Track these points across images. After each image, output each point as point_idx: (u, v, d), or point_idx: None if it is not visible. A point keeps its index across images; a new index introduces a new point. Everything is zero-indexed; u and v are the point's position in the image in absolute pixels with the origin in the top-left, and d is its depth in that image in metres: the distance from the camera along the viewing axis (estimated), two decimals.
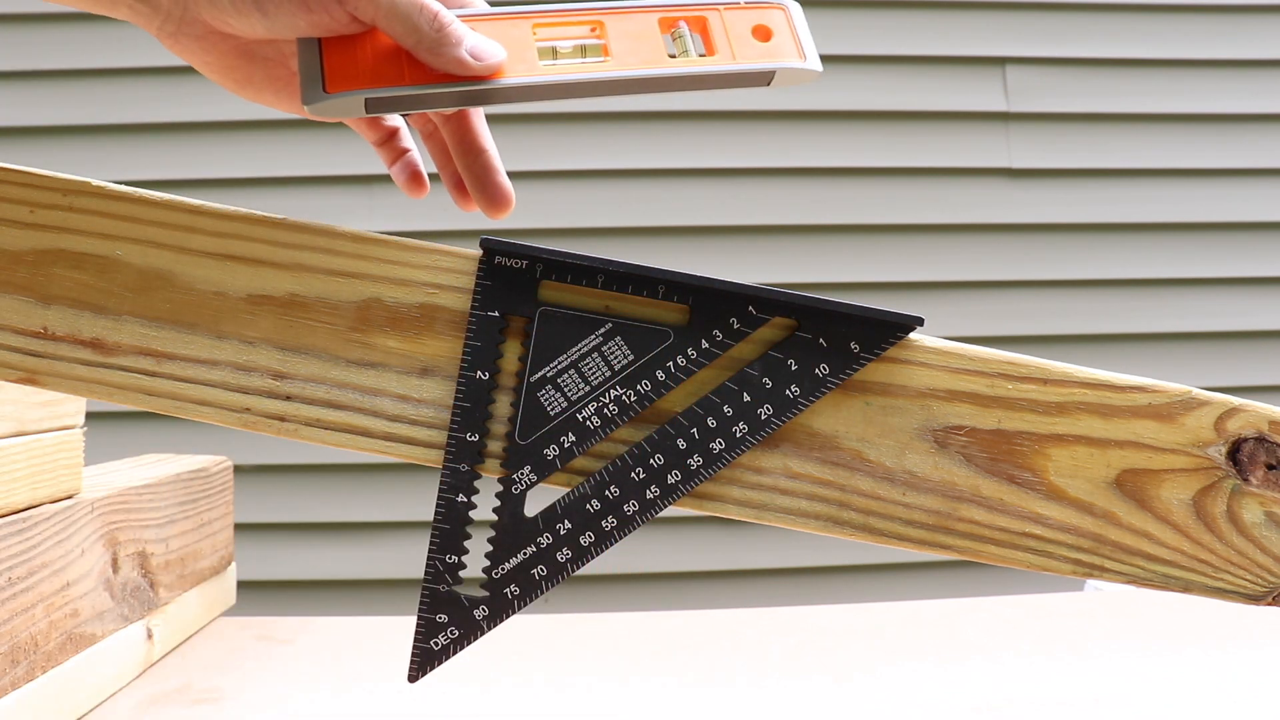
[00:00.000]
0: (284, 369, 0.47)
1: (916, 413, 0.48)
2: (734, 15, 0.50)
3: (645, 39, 0.49)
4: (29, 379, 0.47)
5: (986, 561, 0.49)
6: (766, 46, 0.49)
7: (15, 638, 0.61)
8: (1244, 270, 2.18)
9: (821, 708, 0.73)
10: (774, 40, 0.50)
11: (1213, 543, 0.48)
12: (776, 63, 0.49)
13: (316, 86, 0.46)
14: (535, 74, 0.47)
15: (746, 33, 0.49)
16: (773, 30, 0.50)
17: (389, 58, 0.46)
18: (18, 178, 0.47)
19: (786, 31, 0.50)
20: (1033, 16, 2.19)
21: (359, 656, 0.85)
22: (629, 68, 0.48)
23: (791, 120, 2.13)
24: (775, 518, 0.48)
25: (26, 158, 0.48)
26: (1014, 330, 2.14)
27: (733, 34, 0.49)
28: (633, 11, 0.49)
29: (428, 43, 0.45)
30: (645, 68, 0.48)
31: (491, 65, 0.46)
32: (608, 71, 0.48)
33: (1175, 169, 2.19)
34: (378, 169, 2.09)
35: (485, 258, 0.47)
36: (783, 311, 0.48)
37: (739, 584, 2.09)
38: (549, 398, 0.47)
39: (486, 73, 0.46)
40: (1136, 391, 0.49)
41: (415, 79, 0.46)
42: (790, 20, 0.50)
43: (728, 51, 0.49)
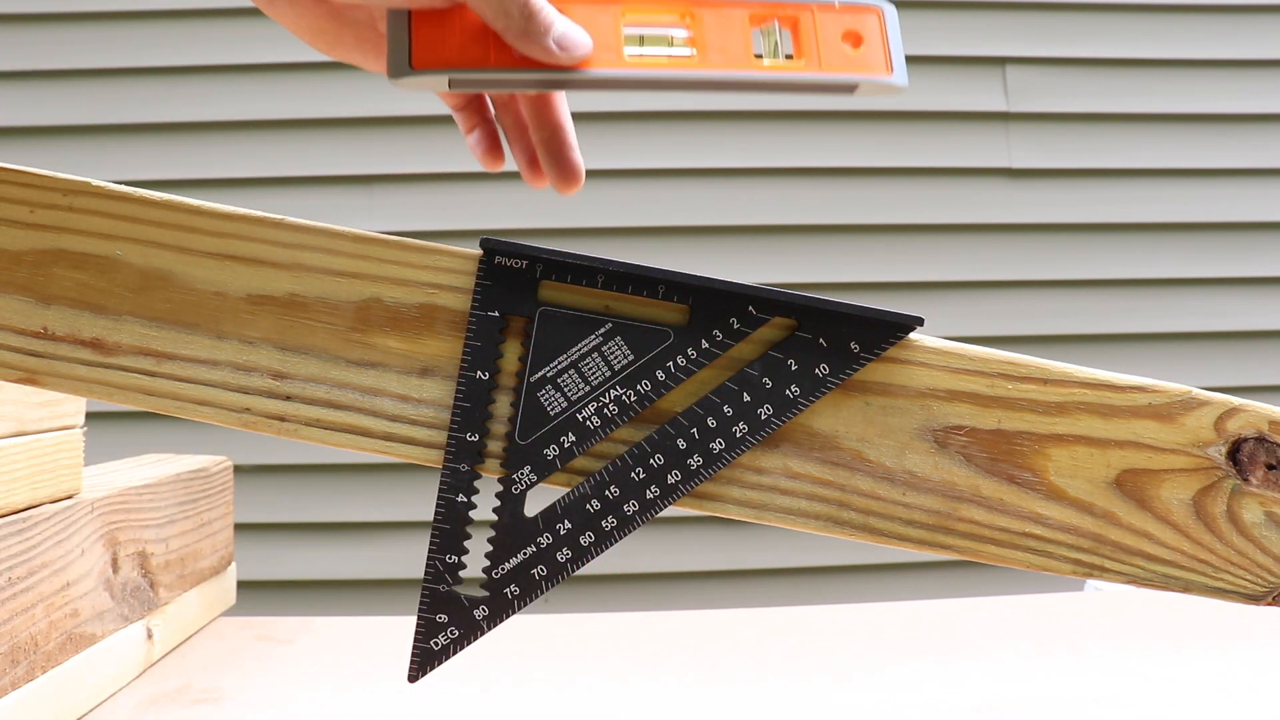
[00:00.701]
0: (284, 369, 0.47)
1: (916, 413, 0.48)
2: (827, 16, 0.48)
3: (734, 34, 0.48)
4: (29, 379, 0.47)
5: (986, 561, 0.49)
6: (855, 55, 0.48)
7: (15, 638, 0.61)
8: (1244, 270, 2.19)
9: (821, 708, 0.73)
10: (863, 48, 0.48)
11: (1213, 543, 0.48)
12: (862, 75, 0.48)
13: (403, 61, 0.46)
14: (620, 66, 0.47)
15: (837, 37, 0.48)
16: (864, 37, 0.48)
17: (476, 37, 0.46)
18: (18, 178, 0.47)
19: (878, 39, 0.49)
20: (1033, 16, 2.19)
21: (359, 656, 0.85)
22: (715, 67, 0.47)
23: (791, 120, 2.13)
24: (775, 518, 0.48)
25: (26, 158, 0.48)
26: (1014, 330, 2.14)
27: (823, 37, 0.48)
28: (725, 4, 0.48)
29: (515, 28, 0.45)
30: (731, 69, 0.47)
31: (577, 56, 0.46)
32: (693, 70, 0.47)
33: (1175, 169, 2.19)
34: (378, 169, 2.09)
35: (485, 258, 0.47)
36: (783, 311, 0.48)
37: (739, 584, 2.09)
38: (549, 398, 0.47)
39: (571, 63, 0.46)
40: (1136, 391, 0.49)
41: (501, 62, 0.46)
42: (884, 26, 0.49)
43: (815, 56, 0.48)
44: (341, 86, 2.11)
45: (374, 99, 2.09)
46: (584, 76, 0.46)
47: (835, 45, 0.48)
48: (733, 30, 0.48)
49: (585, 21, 0.47)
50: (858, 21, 0.48)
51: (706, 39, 0.48)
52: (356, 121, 2.10)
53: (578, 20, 0.47)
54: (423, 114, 2.10)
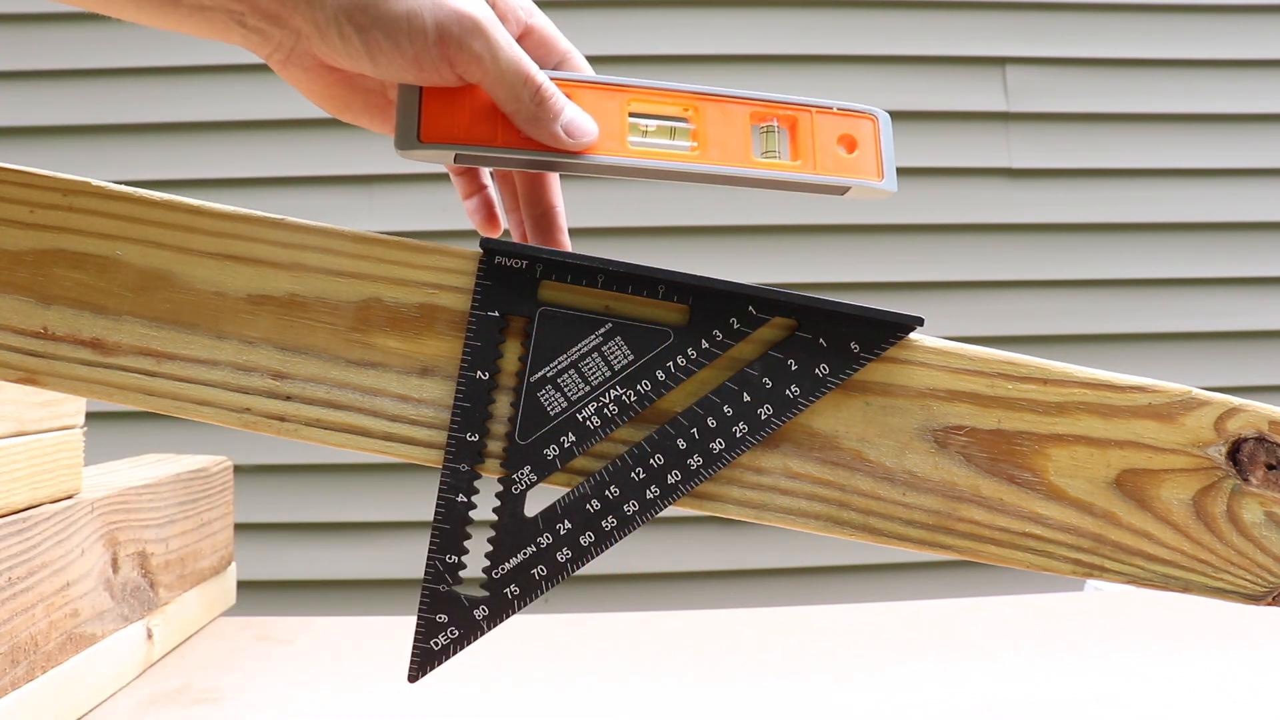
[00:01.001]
0: (284, 369, 0.47)
1: (916, 413, 0.48)
2: (825, 120, 0.50)
3: (735, 131, 0.50)
4: (29, 379, 0.47)
5: (986, 561, 0.49)
6: (848, 159, 0.50)
7: (15, 638, 0.61)
8: (1244, 270, 2.18)
9: (821, 708, 0.73)
10: (857, 153, 0.50)
11: (1213, 543, 0.48)
12: (854, 180, 0.50)
13: (411, 133, 0.47)
14: (623, 155, 0.49)
15: (832, 141, 0.50)
16: (858, 142, 0.50)
17: (485, 116, 0.47)
18: (18, 178, 0.47)
19: (871, 145, 0.50)
20: (1033, 16, 2.19)
21: (359, 656, 0.85)
22: (715, 162, 0.49)
23: None
24: (775, 518, 0.48)
25: (26, 158, 0.48)
26: (1014, 330, 2.14)
27: (819, 140, 0.50)
28: (728, 101, 0.50)
29: (525, 113, 0.46)
30: (730, 165, 0.49)
31: (583, 144, 0.47)
32: (693, 164, 0.49)
33: (1175, 169, 2.19)
34: (377, 169, 2.09)
35: (485, 258, 0.47)
36: (783, 311, 0.48)
37: (739, 584, 2.09)
38: (549, 398, 0.47)
39: (577, 149, 0.48)
40: (1136, 391, 0.49)
41: (507, 142, 0.48)
42: (877, 133, 0.51)
43: (811, 158, 0.50)
44: None
45: None
46: (587, 161, 0.48)
47: (830, 148, 0.50)
48: (733, 127, 0.50)
49: (592, 108, 0.49)
50: (853, 127, 0.51)
51: (708, 133, 0.50)
52: None
53: (585, 107, 0.48)
54: None
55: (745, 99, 0.50)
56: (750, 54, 2.12)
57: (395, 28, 0.44)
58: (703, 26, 2.12)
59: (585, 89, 0.49)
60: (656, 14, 2.12)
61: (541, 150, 0.48)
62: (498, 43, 0.45)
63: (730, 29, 2.12)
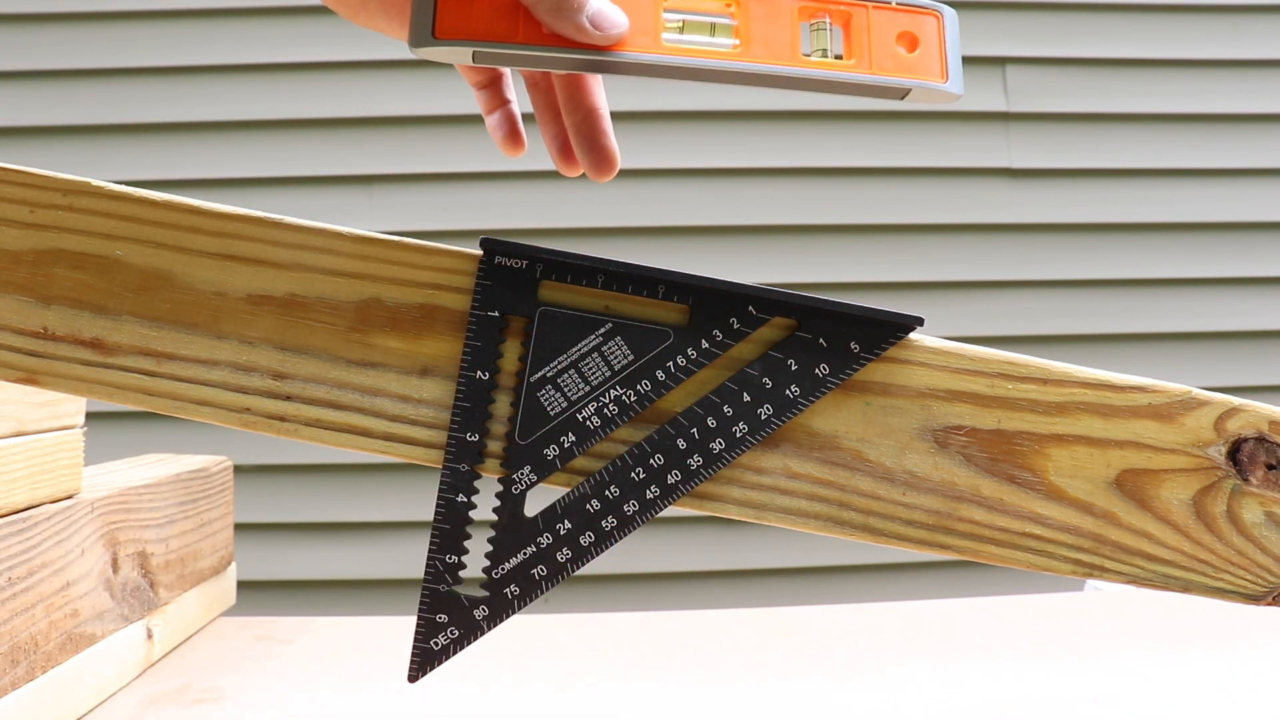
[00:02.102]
0: (284, 369, 0.47)
1: (916, 413, 0.48)
2: (882, 16, 0.46)
3: (782, 26, 0.46)
4: (29, 379, 0.47)
5: (986, 561, 0.49)
6: (909, 58, 0.46)
7: (15, 638, 0.61)
8: (1244, 270, 2.19)
9: (821, 708, 0.73)
10: (919, 52, 0.46)
11: (1213, 543, 0.48)
12: (915, 80, 0.46)
13: (426, 29, 0.44)
14: (657, 51, 0.45)
15: (891, 38, 0.46)
16: (920, 40, 0.46)
17: (506, 9, 0.44)
18: (18, 178, 0.47)
19: (935, 43, 0.46)
20: (1033, 16, 2.19)
21: (359, 656, 0.85)
22: (757, 60, 0.45)
23: (791, 120, 2.13)
24: (775, 518, 0.48)
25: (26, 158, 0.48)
26: (1014, 330, 2.14)
27: (876, 37, 0.46)
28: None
29: (546, 2, 0.43)
30: (774, 63, 0.45)
31: (612, 37, 0.43)
32: (733, 62, 0.45)
33: (1175, 169, 2.19)
34: (378, 169, 2.09)
35: (485, 258, 0.47)
36: (783, 311, 0.48)
37: (739, 584, 2.09)
38: (549, 398, 0.47)
39: (605, 43, 0.44)
40: (1136, 391, 0.49)
41: (529, 38, 0.44)
42: (942, 30, 0.47)
43: (866, 57, 0.46)
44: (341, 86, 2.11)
45: (374, 99, 2.09)
46: (617, 59, 0.45)
47: (889, 47, 0.46)
48: (780, 23, 0.46)
49: (624, 2, 0.45)
50: (915, 24, 0.47)
51: (751, 30, 0.46)
52: (356, 121, 2.10)
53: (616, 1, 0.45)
54: (423, 114, 2.10)
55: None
56: None
57: None
58: None
59: None
60: None
61: (567, 47, 0.44)
62: None
63: None
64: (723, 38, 0.46)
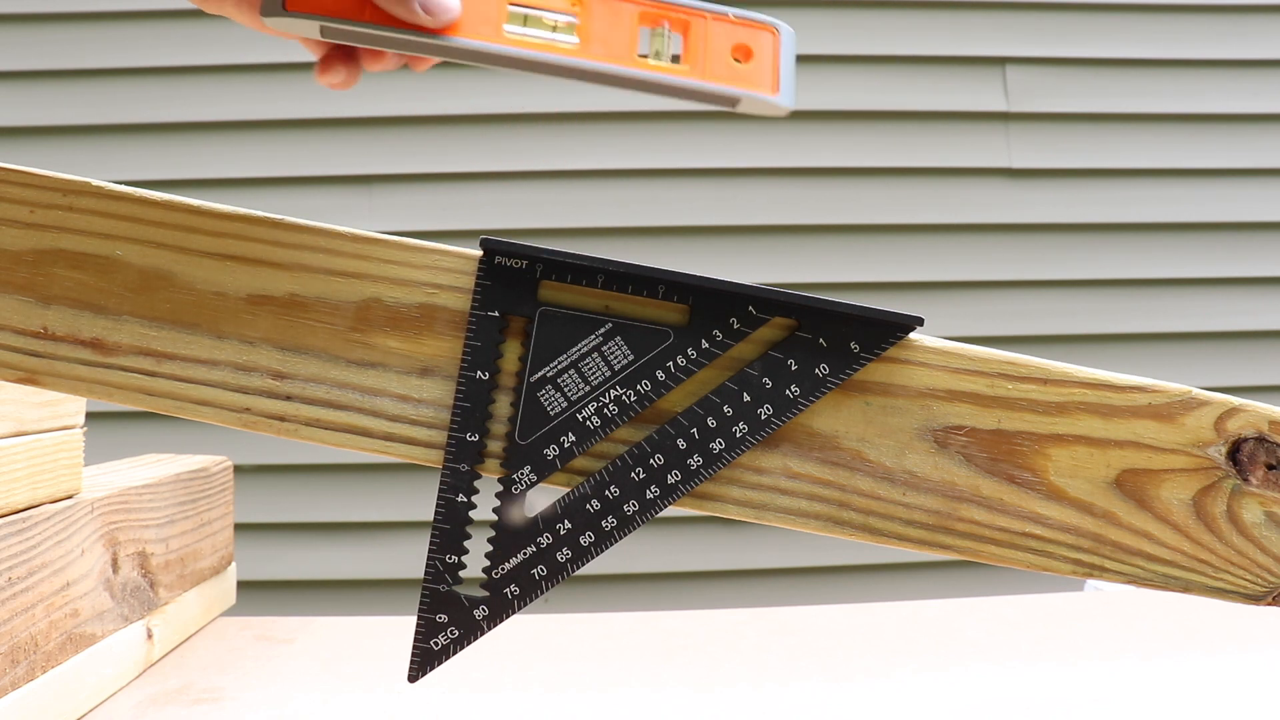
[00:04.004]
0: (284, 369, 0.47)
1: (916, 413, 0.48)
2: (721, 27, 0.48)
3: (621, 29, 0.47)
4: (29, 379, 0.47)
5: (986, 561, 0.49)
6: (741, 69, 0.48)
7: (15, 638, 0.61)
8: (1244, 270, 2.19)
9: (821, 708, 0.73)
10: (752, 63, 0.48)
11: (1213, 543, 0.48)
12: (744, 90, 0.48)
13: (278, 1, 0.46)
14: (494, 41, 0.46)
15: (726, 49, 0.48)
16: (754, 52, 0.48)
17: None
18: (18, 178, 0.47)
19: (769, 57, 0.48)
20: (1033, 16, 2.19)
21: (359, 656, 0.85)
22: (594, 58, 0.47)
23: (791, 120, 2.13)
24: (775, 518, 0.48)
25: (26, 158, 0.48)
26: (1014, 330, 2.14)
27: (711, 46, 0.48)
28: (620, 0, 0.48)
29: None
30: (610, 62, 0.47)
31: (442, 21, 0.45)
32: (569, 57, 0.47)
33: (1175, 169, 2.19)
34: (378, 169, 2.09)
35: (485, 258, 0.47)
36: (783, 311, 0.48)
37: (739, 584, 2.09)
38: (549, 398, 0.47)
39: (436, 27, 0.45)
40: (1136, 391, 0.49)
41: (375, 18, 0.46)
42: (777, 46, 0.48)
43: (700, 64, 0.48)
44: None
45: (374, 99, 2.10)
46: (455, 44, 0.46)
47: (723, 57, 0.48)
48: (620, 25, 0.47)
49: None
50: (751, 37, 0.48)
51: (592, 29, 0.47)
52: (356, 121, 2.10)
53: None
54: (423, 114, 2.10)
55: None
56: None
57: None
58: None
59: None
60: None
61: (407, 29, 0.46)
62: None
63: None
64: (564, 35, 0.47)
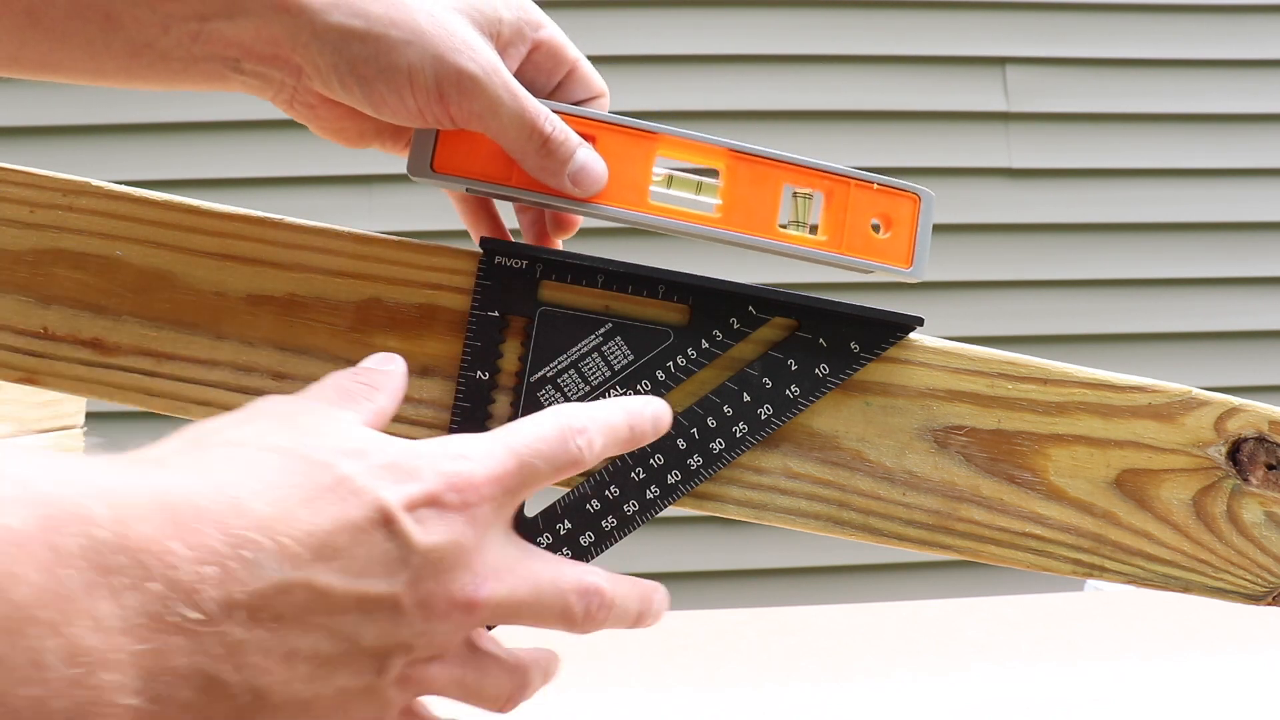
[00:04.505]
0: (284, 369, 0.47)
1: (916, 413, 0.48)
2: (863, 195, 0.48)
3: (765, 195, 0.48)
4: (29, 379, 0.47)
5: (986, 561, 0.49)
6: (878, 240, 0.48)
7: None
8: (1244, 270, 2.18)
9: (821, 708, 0.73)
10: (890, 234, 0.48)
11: (1213, 543, 0.48)
12: (880, 264, 0.48)
13: (425, 162, 0.46)
14: (639, 209, 0.47)
15: (866, 218, 0.48)
16: (894, 222, 0.48)
17: (499, 153, 0.46)
18: (18, 178, 0.47)
19: (906, 226, 0.48)
20: (1033, 16, 2.19)
21: None
22: (734, 228, 0.47)
23: (792, 120, 2.13)
24: (775, 518, 0.48)
25: (26, 158, 0.48)
26: (1014, 330, 2.13)
27: (852, 215, 0.48)
28: (764, 163, 0.48)
29: (532, 163, 0.46)
30: (750, 233, 0.48)
31: (590, 192, 0.46)
32: (714, 228, 0.47)
33: (1175, 169, 2.19)
34: (378, 169, 2.09)
35: (485, 258, 0.47)
36: (783, 311, 0.48)
37: (739, 584, 2.09)
38: (549, 398, 0.47)
39: (585, 197, 0.47)
40: (1136, 391, 0.49)
41: (520, 182, 0.47)
42: (917, 214, 0.49)
43: (839, 234, 0.48)
44: None
45: None
46: (601, 210, 0.47)
47: (862, 226, 0.48)
48: (764, 190, 0.48)
49: (618, 150, 0.47)
50: (892, 206, 0.48)
51: (735, 193, 0.48)
52: None
53: (613, 149, 0.47)
54: None
55: (782, 162, 0.48)
56: (748, 54, 2.12)
57: (398, 81, 0.43)
58: (700, 27, 2.12)
59: (612, 131, 0.47)
60: (647, 14, 2.12)
61: (553, 194, 0.47)
62: (499, 99, 0.44)
63: (727, 29, 2.12)
64: (708, 196, 0.48)
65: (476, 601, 0.35)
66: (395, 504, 0.33)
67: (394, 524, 0.32)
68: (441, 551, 0.33)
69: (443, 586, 0.34)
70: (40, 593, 0.26)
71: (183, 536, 0.29)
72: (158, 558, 0.28)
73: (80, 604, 0.27)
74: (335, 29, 0.43)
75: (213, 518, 0.30)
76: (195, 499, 0.30)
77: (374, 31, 0.43)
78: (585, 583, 0.39)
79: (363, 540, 0.32)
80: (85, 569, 0.27)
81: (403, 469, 0.34)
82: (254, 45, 0.44)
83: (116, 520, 0.28)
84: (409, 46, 0.43)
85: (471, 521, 0.34)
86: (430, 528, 0.33)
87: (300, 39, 0.43)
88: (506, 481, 0.36)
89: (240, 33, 0.43)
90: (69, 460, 0.30)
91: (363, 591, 0.32)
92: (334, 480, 0.32)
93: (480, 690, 0.38)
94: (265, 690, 0.30)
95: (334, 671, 0.32)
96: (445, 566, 0.34)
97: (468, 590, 0.34)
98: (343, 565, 0.32)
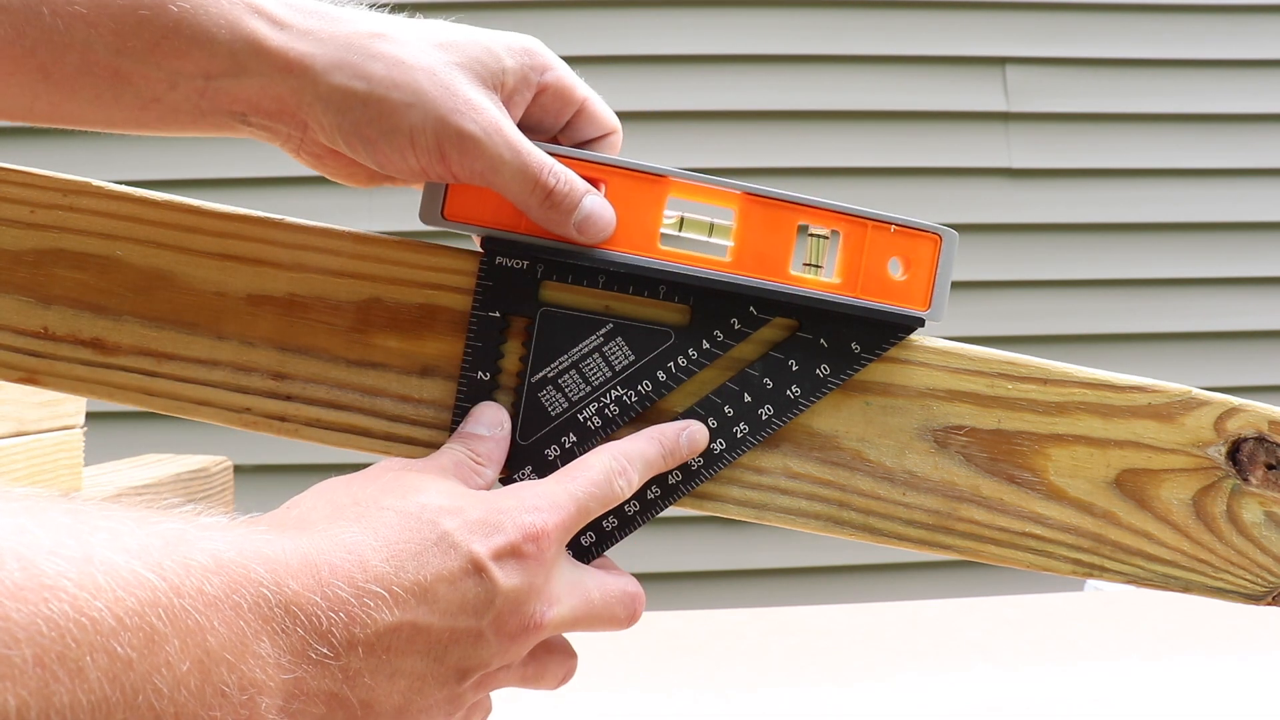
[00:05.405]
0: (284, 369, 0.47)
1: (916, 413, 0.48)
2: (883, 236, 0.48)
3: (779, 238, 0.47)
4: (29, 379, 0.47)
5: (986, 561, 0.49)
6: (896, 283, 0.48)
7: None
8: (1244, 270, 2.18)
9: (821, 708, 0.73)
10: (909, 276, 0.48)
11: (1213, 543, 0.48)
12: (895, 308, 0.48)
13: (436, 209, 0.47)
14: (648, 254, 0.47)
15: (884, 259, 0.48)
16: (912, 263, 0.48)
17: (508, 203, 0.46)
18: (18, 178, 0.47)
19: (926, 269, 0.48)
20: (1033, 16, 2.19)
21: None
22: (745, 273, 0.47)
23: (792, 120, 2.13)
24: (775, 518, 0.48)
25: (26, 158, 0.48)
26: (1014, 330, 2.13)
27: (869, 257, 0.48)
28: (779, 205, 0.47)
29: (536, 215, 0.46)
30: (762, 278, 0.47)
31: (597, 240, 0.47)
32: (726, 274, 0.47)
33: (1175, 169, 2.19)
34: None
35: (486, 258, 0.47)
36: (784, 312, 0.48)
37: (739, 584, 2.09)
38: (550, 398, 0.47)
39: (592, 244, 0.47)
40: (1136, 391, 0.49)
41: (530, 229, 0.47)
42: (937, 255, 0.48)
43: (855, 278, 0.48)
44: None
45: None
46: (608, 258, 0.47)
47: (878, 268, 0.48)
48: (779, 233, 0.47)
49: (629, 196, 0.47)
50: (911, 248, 0.48)
51: (749, 235, 0.47)
52: None
53: (622, 194, 0.47)
54: None
55: (797, 204, 0.48)
56: (748, 54, 2.12)
57: (400, 143, 0.44)
58: (699, 26, 2.12)
59: (624, 176, 0.47)
60: (647, 14, 2.12)
61: (563, 241, 0.47)
62: (499, 157, 0.44)
63: (727, 29, 2.12)
64: (720, 238, 0.48)
65: (543, 625, 0.43)
66: (485, 556, 0.40)
67: (484, 572, 0.40)
68: (519, 592, 0.41)
69: (517, 616, 0.41)
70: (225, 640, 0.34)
71: (321, 590, 0.37)
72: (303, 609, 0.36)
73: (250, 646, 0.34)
74: (338, 91, 0.44)
75: (344, 574, 0.37)
76: (331, 558, 0.38)
77: (375, 94, 0.44)
78: (628, 591, 0.48)
79: (458, 587, 0.40)
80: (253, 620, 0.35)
81: (489, 524, 0.41)
82: (260, 102, 0.45)
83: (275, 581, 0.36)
84: (410, 109, 0.44)
85: (541, 564, 0.42)
86: (510, 573, 0.41)
87: (304, 99, 0.44)
88: (568, 524, 0.43)
89: (246, 90, 0.44)
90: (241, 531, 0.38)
91: (455, 626, 0.40)
92: (437, 536, 0.40)
93: (539, 680, 0.48)
94: (373, 702, 0.38)
95: (426, 684, 0.40)
96: (520, 601, 0.41)
97: (536, 617, 0.42)
98: (441, 608, 0.39)
